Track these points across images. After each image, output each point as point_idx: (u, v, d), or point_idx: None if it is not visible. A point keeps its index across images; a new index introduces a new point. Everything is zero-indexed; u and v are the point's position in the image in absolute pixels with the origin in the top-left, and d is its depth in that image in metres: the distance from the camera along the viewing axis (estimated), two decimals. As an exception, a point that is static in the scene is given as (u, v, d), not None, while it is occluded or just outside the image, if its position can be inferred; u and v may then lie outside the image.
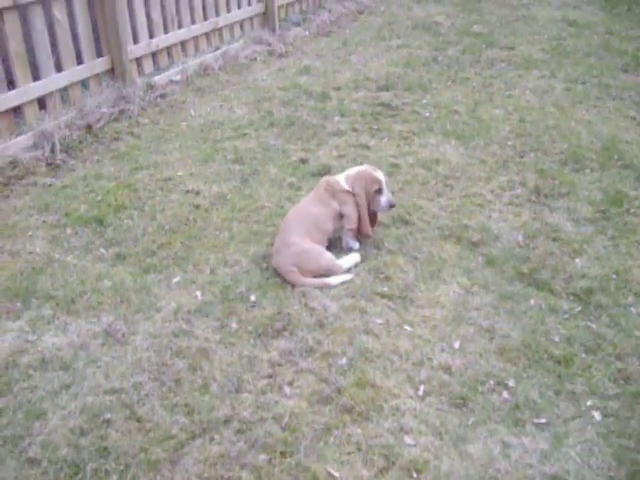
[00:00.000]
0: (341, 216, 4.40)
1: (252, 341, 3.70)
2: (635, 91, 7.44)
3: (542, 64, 8.26)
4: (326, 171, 5.55)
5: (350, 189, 4.41)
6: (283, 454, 3.05)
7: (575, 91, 7.41)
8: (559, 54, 8.68)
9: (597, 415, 3.31)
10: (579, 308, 4.03)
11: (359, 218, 4.42)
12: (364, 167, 4.54)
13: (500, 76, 7.84)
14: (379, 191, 4.46)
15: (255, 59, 8.49)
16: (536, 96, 7.25)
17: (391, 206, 4.52)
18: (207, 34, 8.39)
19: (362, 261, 4.40)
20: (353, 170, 4.52)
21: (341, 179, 4.47)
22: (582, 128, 6.43)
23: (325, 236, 4.38)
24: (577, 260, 4.46)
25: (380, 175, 4.47)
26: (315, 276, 4.16)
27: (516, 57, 8.51)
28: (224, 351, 3.62)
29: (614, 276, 4.31)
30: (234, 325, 3.81)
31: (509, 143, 6.11)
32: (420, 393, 3.39)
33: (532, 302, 4.06)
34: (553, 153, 5.93)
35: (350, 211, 4.39)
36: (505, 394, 3.40)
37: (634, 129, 6.49)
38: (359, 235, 4.50)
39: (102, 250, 4.49)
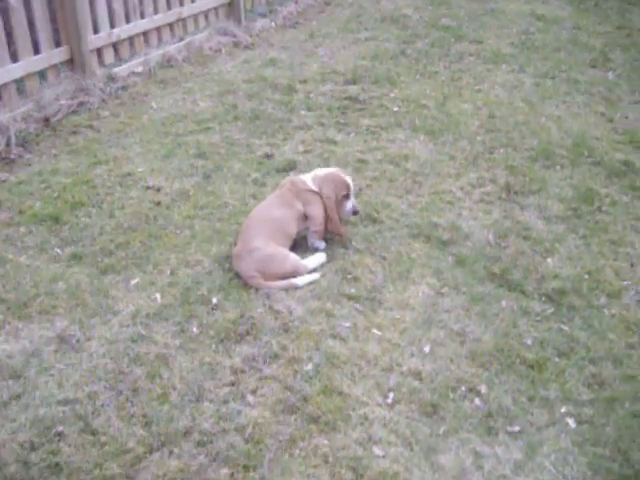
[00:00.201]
0: (305, 217, 4.25)
1: (214, 346, 3.54)
2: (603, 86, 7.38)
3: (511, 58, 8.17)
4: (292, 167, 5.40)
5: (317, 190, 4.27)
6: (246, 468, 2.90)
7: (544, 86, 7.33)
8: (528, 48, 8.59)
9: (571, 422, 3.22)
10: (551, 310, 3.94)
11: (329, 219, 4.28)
12: (333, 169, 4.43)
13: (469, 70, 7.73)
14: (346, 196, 4.36)
15: (220, 51, 8.28)
16: (505, 91, 7.15)
17: (354, 212, 4.45)
18: (171, 24, 8.14)
19: (328, 261, 4.26)
20: (322, 171, 4.39)
21: (307, 179, 4.32)
22: (552, 124, 6.35)
23: (289, 239, 4.22)
24: (549, 260, 4.37)
25: (349, 180, 4.37)
26: (280, 279, 4.00)
27: (485, 51, 8.40)
28: (184, 357, 3.46)
29: (586, 276, 4.22)
30: (195, 330, 3.65)
31: (478, 139, 6.00)
32: (389, 401, 3.27)
33: (504, 304, 3.96)
34: (523, 149, 5.84)
35: (315, 212, 4.24)
36: (477, 401, 3.29)
37: (603, 125, 6.42)
38: (332, 235, 4.35)
39: (57, 250, 4.28)
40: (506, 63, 7.99)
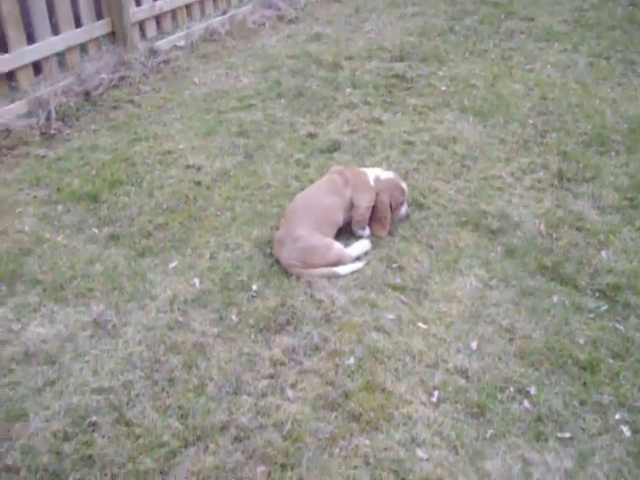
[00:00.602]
0: (352, 205, 4.11)
1: (253, 336, 3.43)
2: (662, 68, 7.06)
3: (563, 37, 7.87)
4: (336, 147, 5.25)
5: (375, 189, 4.19)
6: (284, 467, 2.79)
7: (599, 67, 7.04)
8: (581, 26, 8.27)
9: (626, 430, 3.04)
10: (605, 307, 3.75)
11: (382, 218, 4.19)
12: (392, 175, 4.31)
13: (520, 49, 7.46)
14: (402, 202, 4.30)
15: (264, 24, 8.11)
16: (558, 71, 6.89)
17: (407, 217, 4.39)
18: (214, -3, 8.00)
19: (373, 248, 4.12)
20: (382, 174, 4.27)
21: (369, 174, 4.23)
22: (607, 107, 6.08)
23: (335, 228, 4.09)
24: (603, 253, 4.16)
25: (406, 187, 4.32)
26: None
27: (536, 28, 8.11)
28: (222, 347, 3.35)
29: (643, 271, 4.01)
30: (234, 318, 3.54)
31: (530, 121, 5.77)
32: (434, 400, 3.12)
33: (555, 299, 3.78)
34: (576, 134, 5.59)
35: (362, 202, 4.11)
36: (526, 403, 3.13)
37: (661, 109, 6.14)
38: (372, 233, 4.23)
39: (95, 230, 4.20)
40: (558, 41, 7.70)
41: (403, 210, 4.32)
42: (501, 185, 4.84)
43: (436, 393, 3.15)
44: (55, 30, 5.88)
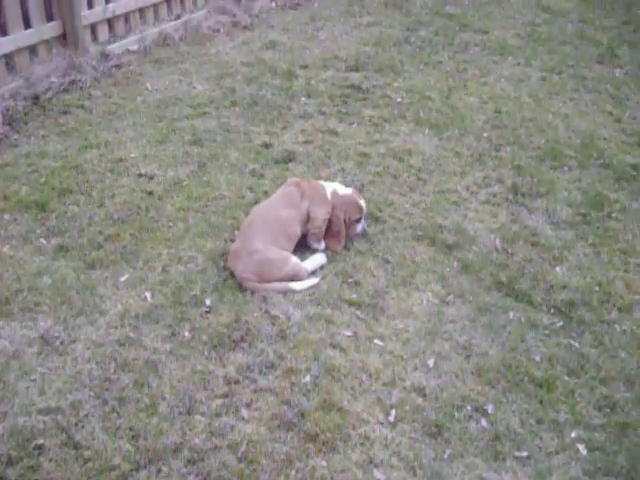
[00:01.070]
0: (309, 218, 4.05)
1: (206, 353, 3.34)
2: (611, 84, 7.17)
3: (517, 50, 7.94)
4: (291, 158, 5.18)
5: (331, 203, 4.16)
6: (239, 490, 2.71)
7: (551, 81, 7.11)
8: (534, 41, 8.36)
9: (582, 449, 3.05)
10: (560, 323, 3.77)
11: (336, 233, 4.16)
12: (350, 191, 4.27)
13: (474, 61, 7.50)
14: (358, 220, 4.25)
15: (218, 30, 7.99)
16: (511, 85, 6.93)
17: (364, 233, 4.34)
18: (168, 1, 7.84)
19: (329, 262, 4.06)
20: (341, 190, 4.24)
21: (327, 188, 4.20)
22: (559, 122, 6.14)
23: (293, 242, 4.02)
24: (557, 269, 4.19)
25: (364, 204, 4.27)
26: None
27: (490, 42, 8.16)
28: (175, 364, 3.26)
29: (597, 288, 4.05)
30: (186, 334, 3.45)
31: (485, 135, 5.79)
32: (391, 419, 3.08)
33: (511, 315, 3.78)
34: (530, 148, 5.64)
35: (318, 214, 4.07)
36: (483, 422, 3.11)
37: (611, 125, 6.23)
38: (327, 247, 4.19)
39: (43, 240, 4.06)
40: (512, 55, 7.77)
41: (359, 227, 4.27)
42: (457, 199, 4.83)
43: (393, 412, 3.11)
44: (3, 31, 5.70)
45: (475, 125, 5.96)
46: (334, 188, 4.21)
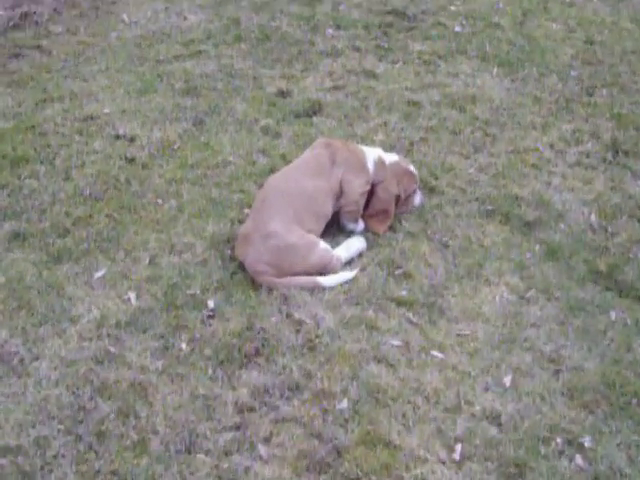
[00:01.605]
0: (342, 191, 4.09)
1: (210, 372, 3.39)
2: None
3: (614, -41, 7.92)
4: (315, 110, 5.24)
5: (373, 176, 4.18)
6: None
7: (661, -1, 7.10)
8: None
9: None
10: (679, 326, 3.77)
11: (381, 211, 4.20)
12: (397, 158, 4.32)
13: (557, -26, 7.50)
14: (414, 191, 4.32)
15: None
16: (607, 5, 6.93)
17: (421, 206, 4.42)
18: None
19: (369, 248, 4.10)
20: (387, 157, 4.27)
21: (368, 154, 4.21)
22: (673, 54, 6.15)
23: (322, 222, 4.05)
24: (674, 253, 4.19)
25: (416, 171, 4.33)
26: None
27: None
28: (169, 387, 3.31)
29: None
30: (184, 346, 3.50)
31: (573, 74, 5.82)
32: (456, 456, 3.10)
33: (613, 315, 3.79)
34: (634, 90, 5.66)
35: (354, 185, 4.09)
36: (579, 459, 3.12)
37: None
38: (367, 229, 4.25)
39: (-8, 226, 4.14)
40: (608, -34, 7.75)
41: (417, 199, 4.35)
42: (537, 161, 4.86)
43: (459, 447, 3.13)
44: None
45: (559, 61, 6.00)
46: (378, 155, 4.24)
